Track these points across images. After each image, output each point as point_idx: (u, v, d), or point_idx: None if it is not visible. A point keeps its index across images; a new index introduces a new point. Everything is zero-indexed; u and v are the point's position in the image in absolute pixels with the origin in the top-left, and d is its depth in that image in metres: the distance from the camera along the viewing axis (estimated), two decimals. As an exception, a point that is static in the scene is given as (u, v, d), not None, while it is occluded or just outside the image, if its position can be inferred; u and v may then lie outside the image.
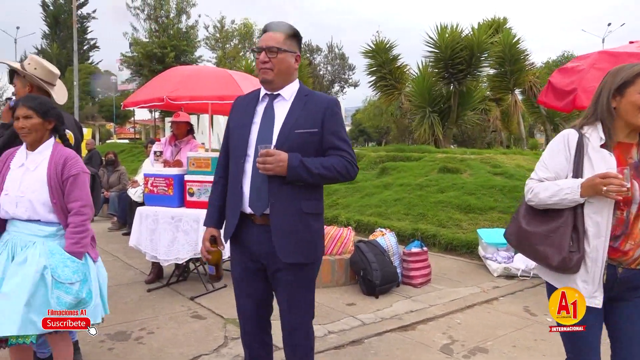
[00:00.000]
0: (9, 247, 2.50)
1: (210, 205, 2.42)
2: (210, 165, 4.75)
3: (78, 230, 2.53)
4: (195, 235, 4.54)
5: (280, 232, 2.19)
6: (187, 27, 25.56)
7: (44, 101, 2.68)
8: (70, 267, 2.49)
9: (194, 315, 4.21)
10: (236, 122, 2.34)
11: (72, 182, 2.54)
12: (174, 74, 5.39)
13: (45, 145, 2.63)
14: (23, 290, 2.35)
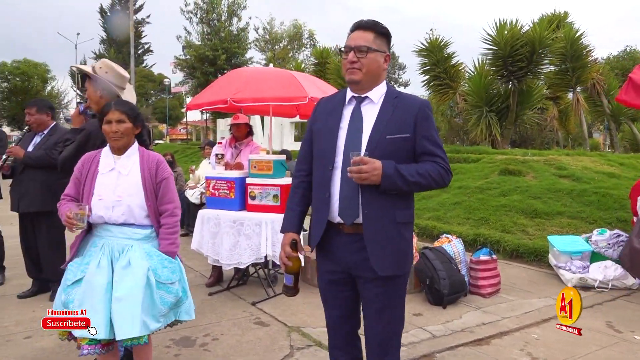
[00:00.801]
0: (106, 251, 2.52)
1: (290, 210, 2.32)
2: (272, 168, 4.66)
3: (173, 231, 2.62)
4: (257, 239, 4.46)
5: (375, 243, 2.06)
6: (238, 30, 25.90)
7: (134, 106, 2.73)
8: (169, 268, 2.57)
9: (257, 321, 4.13)
10: (321, 125, 2.21)
11: (165, 184, 2.64)
12: (236, 76, 5.35)
13: (132, 150, 2.67)
14: (137, 293, 2.42)
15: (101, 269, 2.48)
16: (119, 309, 2.40)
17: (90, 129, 3.13)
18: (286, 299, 4.70)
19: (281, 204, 4.61)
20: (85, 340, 2.40)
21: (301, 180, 2.31)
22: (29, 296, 4.62)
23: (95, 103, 3.26)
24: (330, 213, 2.11)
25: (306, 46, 30.68)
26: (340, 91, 2.29)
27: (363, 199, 2.04)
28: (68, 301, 2.46)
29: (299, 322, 4.08)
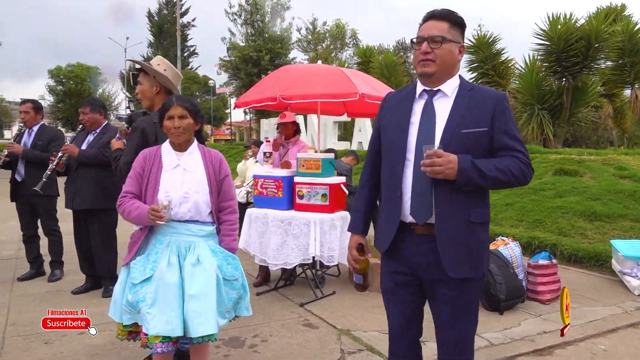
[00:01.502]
0: (173, 249, 2.51)
1: (355, 211, 2.24)
2: (320, 167, 4.57)
3: (235, 228, 2.68)
4: (305, 239, 4.38)
5: (448, 243, 1.93)
6: (281, 30, 26.07)
7: (195, 103, 2.71)
8: (232, 264, 2.59)
9: (306, 323, 4.04)
10: (390, 121, 2.10)
11: (227, 181, 2.68)
12: (285, 73, 5.29)
13: (193, 146, 2.68)
14: (211, 290, 2.44)
15: (171, 266, 2.47)
16: (195, 307, 2.41)
17: (143, 126, 3.09)
18: (335, 301, 4.60)
19: (330, 203, 4.51)
20: (159, 338, 2.40)
21: (367, 179, 2.23)
22: (82, 292, 4.70)
23: (150, 99, 3.24)
24: (401, 212, 1.99)
25: (349, 46, 30.56)
26: (409, 85, 2.17)
27: (436, 196, 1.92)
28: (138, 300, 2.45)
29: (348, 325, 3.97)
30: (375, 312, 4.25)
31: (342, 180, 4.75)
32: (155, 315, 2.38)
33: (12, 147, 4.90)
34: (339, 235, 4.50)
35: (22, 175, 4.97)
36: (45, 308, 4.27)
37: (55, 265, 5.21)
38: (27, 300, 4.51)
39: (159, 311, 2.38)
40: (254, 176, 4.86)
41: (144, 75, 3.21)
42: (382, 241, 2.09)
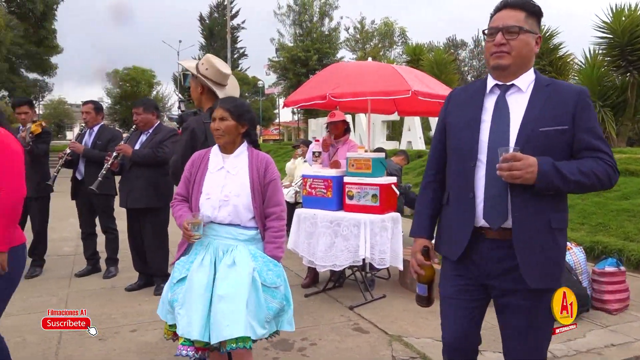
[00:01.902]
0: (210, 250, 2.46)
1: (420, 214, 2.11)
2: (370, 167, 4.45)
3: (279, 235, 2.51)
4: (355, 241, 4.27)
5: (528, 251, 1.79)
6: (329, 30, 26.04)
7: (240, 104, 2.60)
8: (274, 271, 2.44)
9: (356, 327, 3.93)
10: (458, 118, 1.97)
11: (273, 186, 2.54)
12: (335, 70, 5.21)
13: (241, 149, 2.59)
14: (241, 291, 2.31)
15: (203, 267, 2.41)
16: (222, 308, 2.28)
17: (193, 125, 3.09)
18: (385, 304, 4.47)
19: (380, 204, 4.38)
20: (182, 340, 2.34)
21: (430, 180, 2.10)
22: (135, 289, 4.79)
23: (197, 99, 3.25)
24: (473, 216, 1.87)
25: (397, 44, 30.16)
26: (477, 80, 2.05)
27: (513, 200, 1.78)
28: (173, 300, 2.42)
29: (400, 331, 3.83)
30: (428, 318, 4.09)
31: (393, 181, 4.61)
32: (183, 316, 2.33)
33: (73, 146, 5.06)
34: (390, 237, 4.37)
35: (82, 174, 5.13)
36: (100, 304, 4.40)
37: (110, 262, 5.34)
38: (83, 296, 4.64)
39: (186, 312, 2.33)
40: (303, 176, 4.80)
41: (192, 76, 3.20)
42: (451, 246, 1.96)
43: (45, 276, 5.28)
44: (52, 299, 4.54)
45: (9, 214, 2.31)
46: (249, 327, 2.28)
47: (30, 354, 3.38)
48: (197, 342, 2.30)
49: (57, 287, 4.90)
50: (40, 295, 4.63)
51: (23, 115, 5.09)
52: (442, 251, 2.03)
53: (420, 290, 2.07)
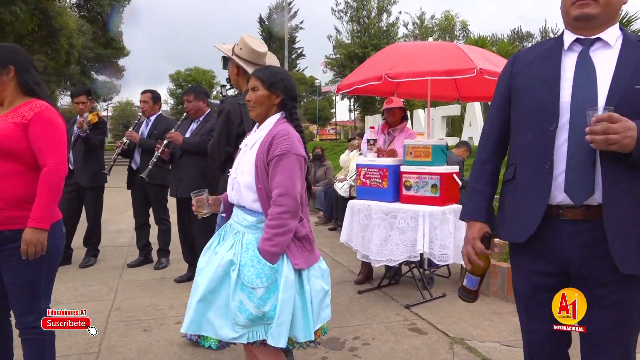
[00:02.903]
0: (221, 234, 2.22)
1: (476, 192, 1.77)
2: (430, 155, 4.10)
3: (273, 224, 2.01)
4: (412, 234, 3.94)
5: (621, 232, 1.47)
6: (387, 25, 25.57)
7: (274, 71, 2.27)
8: (256, 269, 2.01)
9: (412, 327, 3.61)
10: (532, 78, 1.64)
11: (275, 163, 2.06)
12: (393, 50, 4.87)
13: (268, 122, 2.23)
14: (202, 281, 2.07)
15: (208, 251, 2.20)
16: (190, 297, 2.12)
17: (228, 107, 2.98)
18: (445, 305, 4.11)
19: (441, 195, 4.03)
20: None
21: (491, 153, 1.77)
22: (185, 281, 4.69)
23: (234, 82, 3.13)
24: (550, 191, 1.54)
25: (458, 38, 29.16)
26: (547, 40, 1.74)
27: (603, 170, 1.46)
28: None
29: (462, 333, 3.47)
30: (493, 320, 3.71)
31: (455, 170, 4.24)
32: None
33: (130, 135, 5.06)
34: (452, 231, 4.00)
35: (137, 163, 5.11)
36: (149, 295, 4.33)
37: (162, 253, 5.30)
38: (133, 286, 4.59)
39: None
40: (357, 165, 4.51)
41: (230, 59, 3.07)
42: (516, 228, 1.63)
43: (98, 266, 5.31)
44: (103, 289, 4.52)
45: (54, 190, 2.21)
46: (202, 323, 2.04)
47: (74, 342, 3.31)
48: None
49: (109, 277, 4.89)
50: (91, 285, 4.62)
51: (81, 105, 5.13)
52: (503, 235, 1.71)
53: (470, 283, 1.75)
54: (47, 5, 19.20)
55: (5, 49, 2.30)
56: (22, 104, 2.23)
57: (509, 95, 1.72)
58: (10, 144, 2.12)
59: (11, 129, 2.14)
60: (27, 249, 2.12)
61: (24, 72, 2.27)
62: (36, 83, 2.31)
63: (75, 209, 5.26)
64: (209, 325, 2.04)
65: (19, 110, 2.20)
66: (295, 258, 2.06)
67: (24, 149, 2.17)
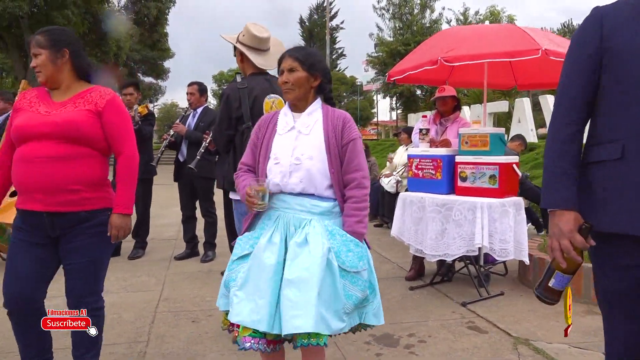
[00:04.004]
0: (280, 225, 2.03)
1: (564, 175, 1.51)
2: (488, 144, 3.87)
3: (361, 207, 2.04)
4: (469, 227, 3.72)
5: None
6: (430, 22, 25.08)
7: (312, 52, 2.20)
8: (355, 252, 1.98)
9: (471, 326, 3.40)
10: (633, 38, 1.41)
11: (352, 147, 2.08)
12: (449, 34, 4.66)
13: (314, 106, 2.16)
14: (313, 275, 1.86)
15: (272, 245, 1.98)
16: (290, 295, 1.86)
17: (227, 92, 3.08)
18: (504, 303, 3.87)
19: (500, 186, 3.79)
20: (249, 331, 1.89)
21: (577, 130, 1.52)
22: (231, 274, 4.62)
23: (241, 69, 3.22)
24: None
25: (504, 34, 28.24)
26: None
27: None
28: (230, 279, 2.03)
29: (525, 333, 3.23)
30: (559, 321, 3.44)
31: (515, 160, 3.99)
32: (241, 299, 1.91)
33: (177, 127, 5.05)
34: (512, 224, 3.76)
35: (184, 155, 5.10)
36: (196, 287, 4.28)
37: (208, 246, 5.26)
38: (180, 278, 4.56)
39: (246, 296, 1.92)
40: (409, 156, 4.32)
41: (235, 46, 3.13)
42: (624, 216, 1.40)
43: (146, 258, 5.32)
44: (151, 280, 4.50)
45: (133, 176, 2.28)
46: (320, 320, 1.83)
47: (123, 330, 3.28)
48: (269, 334, 1.89)
49: (156, 268, 4.89)
50: (140, 276, 4.62)
51: (129, 97, 5.16)
52: (614, 226, 1.44)
53: (559, 283, 1.52)
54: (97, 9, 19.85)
55: (58, 31, 2.29)
56: (86, 90, 2.24)
57: (599, 61, 1.48)
58: (87, 130, 2.15)
59: (87, 116, 2.16)
60: (117, 234, 2.20)
61: (78, 55, 2.25)
62: (89, 65, 2.33)
63: (125, 201, 5.29)
64: (323, 321, 1.84)
65: (86, 97, 2.21)
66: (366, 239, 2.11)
67: (98, 135, 2.19)
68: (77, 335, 2.29)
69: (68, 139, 2.11)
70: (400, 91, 24.51)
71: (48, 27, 2.33)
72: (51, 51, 2.17)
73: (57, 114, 2.14)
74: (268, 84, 3.11)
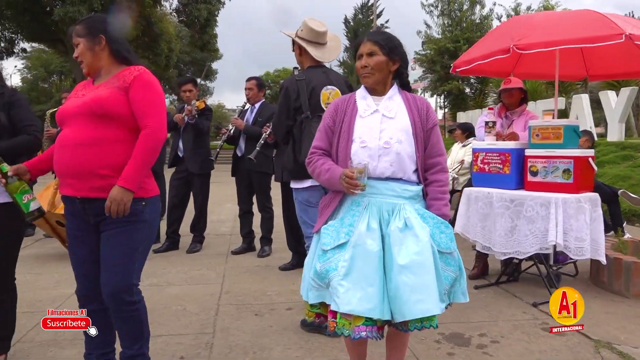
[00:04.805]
0: (373, 211, 2.00)
1: None
2: (561, 136, 3.67)
3: (446, 190, 2.11)
4: (543, 224, 3.53)
5: None
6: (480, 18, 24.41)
7: (391, 36, 2.17)
8: (447, 234, 2.01)
9: (545, 327, 3.21)
10: None
11: (436, 132, 2.15)
12: (520, 21, 4.44)
13: (393, 90, 2.16)
14: (428, 260, 1.90)
15: (372, 232, 1.95)
16: (407, 280, 1.85)
17: (286, 84, 3.20)
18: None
19: (575, 181, 3.59)
20: (361, 320, 1.87)
21: None
22: (289, 269, 4.60)
23: (298, 62, 3.35)
24: None
25: (559, 29, 27.16)
26: None
27: None
28: (328, 269, 1.96)
29: (607, 337, 3.03)
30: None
31: (591, 153, 3.76)
32: (348, 289, 1.88)
33: (235, 122, 5.09)
34: (589, 222, 3.54)
35: (242, 150, 5.12)
36: (255, 281, 4.28)
37: (264, 241, 5.26)
38: (239, 272, 4.57)
39: (354, 285, 1.88)
40: (474, 150, 4.16)
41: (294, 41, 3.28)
42: None
43: (204, 252, 5.37)
44: (211, 273, 4.53)
45: (149, 153, 2.12)
46: (440, 302, 1.93)
47: (189, 322, 3.29)
48: (379, 320, 1.90)
49: (215, 262, 4.92)
50: (199, 269, 4.66)
51: (187, 93, 5.22)
52: None
53: None
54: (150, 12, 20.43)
55: (95, 18, 2.27)
56: (122, 71, 2.19)
57: None
58: (113, 106, 2.08)
59: (114, 93, 2.10)
60: (110, 205, 2.04)
61: (115, 40, 2.22)
62: (128, 51, 2.26)
63: (184, 195, 5.37)
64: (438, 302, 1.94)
65: (119, 75, 2.16)
66: None
67: (126, 113, 2.11)
68: (121, 329, 2.23)
69: (96, 118, 2.06)
70: (449, 89, 23.97)
71: (86, 16, 2.34)
72: (88, 39, 2.16)
73: (89, 94, 2.13)
74: (325, 76, 3.24)
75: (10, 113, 2.50)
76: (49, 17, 18.33)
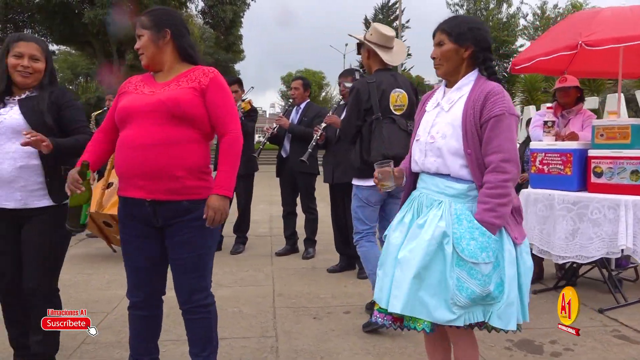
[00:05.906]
0: (414, 205, 1.97)
1: None
2: (629, 136, 3.53)
3: (495, 194, 1.78)
4: (610, 227, 3.40)
5: None
6: (507, 17, 24.07)
7: (463, 20, 1.98)
8: (478, 242, 1.78)
9: (617, 335, 3.09)
10: None
11: (492, 125, 1.81)
12: (580, 18, 4.30)
13: (465, 80, 1.95)
14: (415, 257, 1.82)
15: (402, 225, 1.96)
16: (396, 274, 1.88)
17: (357, 86, 3.25)
18: (646, 311, 3.52)
19: (644, 182, 3.44)
20: (377, 306, 1.99)
21: None
22: (337, 271, 4.54)
23: (366, 65, 3.41)
24: None
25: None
26: None
27: None
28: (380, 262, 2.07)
29: (686, 346, 2.90)
30: None
31: (660, 154, 3.61)
32: (380, 278, 2.00)
33: (280, 120, 5.04)
34: (660, 225, 3.40)
35: (287, 151, 5.07)
36: (305, 283, 4.22)
37: (308, 243, 5.20)
38: (287, 274, 4.52)
39: (382, 274, 1.99)
40: (532, 150, 4.04)
41: (362, 46, 3.36)
42: None
43: (248, 253, 5.34)
44: (259, 274, 4.50)
45: (237, 158, 2.13)
46: (418, 304, 1.81)
47: (249, 325, 3.24)
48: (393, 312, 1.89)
49: (261, 263, 4.88)
50: (247, 270, 4.63)
51: (234, 94, 5.19)
52: None
53: None
54: (176, 14, 20.60)
55: (161, 12, 2.20)
56: (189, 70, 2.13)
57: None
58: (190, 108, 2.03)
59: (190, 94, 2.05)
60: (214, 215, 2.01)
61: (180, 36, 2.16)
62: (191, 47, 2.21)
63: (230, 196, 5.34)
64: (422, 306, 1.81)
65: (189, 75, 2.10)
66: (513, 231, 1.87)
67: (202, 115, 2.07)
68: (193, 333, 2.20)
69: (171, 118, 2.00)
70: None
71: (152, 8, 2.27)
72: (153, 32, 2.10)
73: (161, 92, 2.06)
74: (393, 79, 3.31)
75: (59, 114, 2.41)
76: (79, 20, 18.58)
